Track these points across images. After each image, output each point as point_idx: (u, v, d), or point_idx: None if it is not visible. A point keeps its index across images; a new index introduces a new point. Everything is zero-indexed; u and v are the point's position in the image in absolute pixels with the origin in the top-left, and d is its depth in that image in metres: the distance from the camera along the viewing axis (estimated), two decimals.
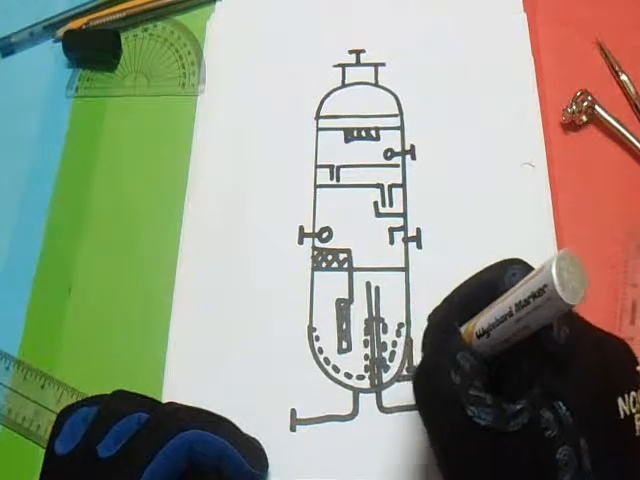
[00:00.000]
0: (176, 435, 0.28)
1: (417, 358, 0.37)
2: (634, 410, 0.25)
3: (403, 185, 0.42)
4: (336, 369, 0.37)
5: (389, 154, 0.43)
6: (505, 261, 0.28)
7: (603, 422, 0.25)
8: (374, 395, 0.36)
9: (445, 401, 0.26)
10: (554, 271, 0.22)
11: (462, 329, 0.28)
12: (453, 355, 0.26)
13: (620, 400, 0.25)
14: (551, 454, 0.24)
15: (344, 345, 0.38)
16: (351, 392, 0.36)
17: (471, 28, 0.46)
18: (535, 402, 0.25)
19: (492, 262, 0.38)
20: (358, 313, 0.38)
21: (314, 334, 0.38)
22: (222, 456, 0.29)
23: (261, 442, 0.33)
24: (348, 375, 0.37)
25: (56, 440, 0.29)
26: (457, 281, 0.39)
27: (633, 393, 0.26)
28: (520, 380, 0.26)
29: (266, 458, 0.33)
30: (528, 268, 0.27)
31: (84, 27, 0.49)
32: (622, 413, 0.25)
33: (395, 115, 0.44)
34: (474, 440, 0.25)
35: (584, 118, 0.42)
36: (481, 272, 0.29)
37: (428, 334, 0.29)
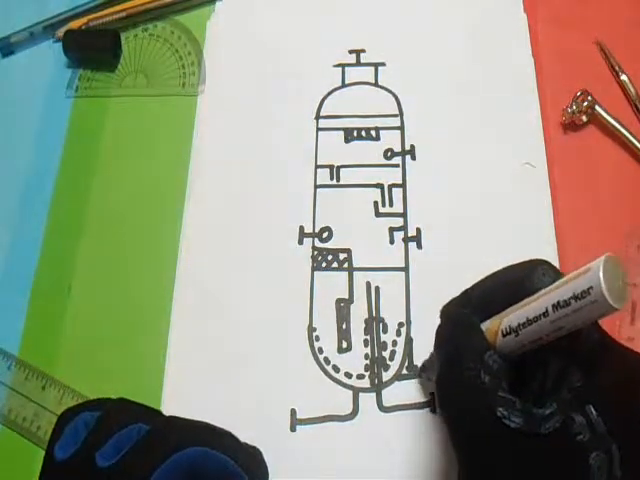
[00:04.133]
0: (176, 452, 0.27)
1: (417, 357, 0.37)
2: None
3: (403, 185, 0.42)
4: (336, 369, 0.37)
5: (389, 154, 0.43)
6: (532, 261, 0.28)
7: (632, 428, 0.25)
8: (374, 394, 0.36)
9: (475, 402, 0.25)
10: (602, 273, 0.22)
11: (483, 326, 0.27)
12: (481, 354, 0.26)
13: None
14: (584, 459, 0.24)
15: (344, 345, 0.38)
16: (351, 392, 0.36)
17: (471, 28, 0.46)
18: (565, 405, 0.24)
19: (491, 262, 0.38)
20: (358, 313, 0.38)
21: (314, 334, 0.38)
22: (223, 472, 0.28)
23: (261, 442, 0.33)
24: (348, 375, 0.37)
25: (55, 445, 0.29)
26: (457, 281, 0.39)
27: None
28: (545, 382, 0.26)
29: (266, 468, 0.32)
30: (555, 269, 0.27)
31: (84, 27, 0.49)
32: None
33: (395, 115, 0.44)
34: (504, 442, 0.24)
35: (584, 118, 0.42)
36: (505, 269, 0.28)
37: (447, 328, 0.29)
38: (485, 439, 0.25)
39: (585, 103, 0.42)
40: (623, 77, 0.43)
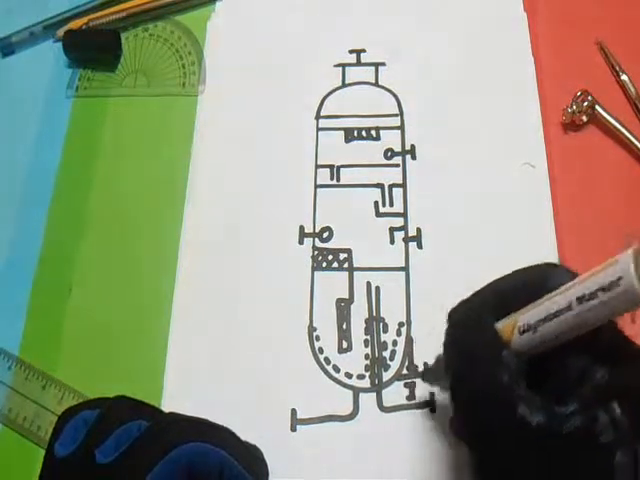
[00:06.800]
0: (176, 447, 0.27)
1: (417, 357, 0.37)
2: None
3: (403, 185, 0.42)
4: (336, 369, 0.37)
5: (389, 154, 0.43)
6: (547, 264, 0.27)
7: None
8: (374, 395, 0.36)
9: (495, 402, 0.25)
10: (632, 264, 0.21)
11: (497, 325, 0.27)
12: (498, 353, 0.25)
13: None
14: (609, 459, 0.23)
15: (344, 345, 0.38)
16: (351, 392, 0.36)
17: (471, 28, 0.46)
18: (588, 403, 0.24)
19: (491, 262, 0.38)
20: (358, 313, 0.38)
21: (314, 334, 0.38)
22: (223, 468, 0.28)
23: (261, 442, 0.33)
24: (348, 375, 0.37)
25: (56, 442, 0.29)
26: (457, 281, 0.39)
27: None
28: (565, 381, 0.25)
29: (267, 466, 0.32)
30: (573, 272, 0.26)
31: (84, 27, 0.49)
32: None
33: (395, 115, 0.44)
34: (526, 440, 0.24)
35: (584, 118, 0.42)
36: (517, 272, 0.28)
37: (458, 329, 0.28)
38: (506, 438, 0.25)
39: (585, 103, 0.42)
40: (623, 77, 0.43)
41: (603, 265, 0.23)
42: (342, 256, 0.40)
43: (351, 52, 0.46)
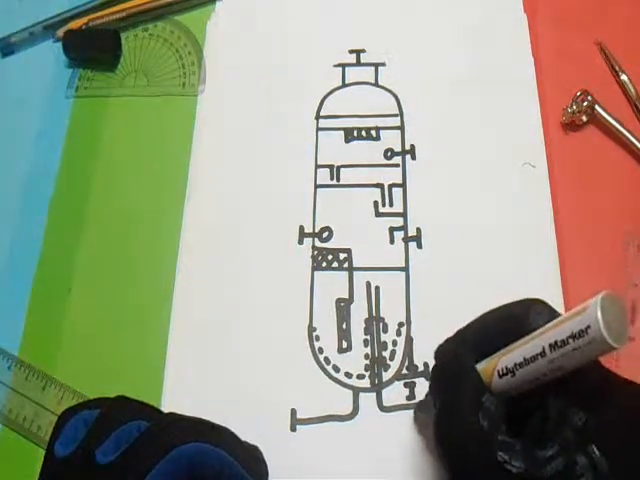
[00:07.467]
0: (176, 447, 0.27)
1: (417, 357, 0.37)
2: None
3: (403, 185, 0.42)
4: (336, 369, 0.37)
5: (389, 154, 0.43)
6: (526, 300, 0.28)
7: (635, 467, 0.24)
8: (374, 394, 0.36)
9: (474, 448, 0.25)
10: (599, 312, 0.21)
11: (478, 366, 0.27)
12: (479, 398, 0.26)
13: None
14: None
15: (344, 345, 0.38)
16: (351, 392, 0.36)
17: (471, 28, 0.46)
18: (568, 446, 0.24)
19: (491, 262, 0.38)
20: (358, 312, 0.38)
21: (314, 334, 0.38)
22: (222, 468, 0.28)
23: (261, 442, 0.33)
24: (348, 374, 0.37)
25: (56, 442, 0.29)
26: (457, 281, 0.39)
27: None
28: (545, 421, 0.26)
29: (266, 466, 0.32)
30: (550, 309, 0.27)
31: (84, 27, 0.49)
32: None
33: (395, 115, 0.44)
34: None
35: (584, 118, 0.42)
36: (498, 309, 0.28)
37: (442, 370, 0.29)
38: None
39: (585, 103, 0.42)
40: (623, 77, 0.43)
41: (574, 311, 0.23)
42: (342, 256, 0.40)
43: (351, 52, 0.46)
